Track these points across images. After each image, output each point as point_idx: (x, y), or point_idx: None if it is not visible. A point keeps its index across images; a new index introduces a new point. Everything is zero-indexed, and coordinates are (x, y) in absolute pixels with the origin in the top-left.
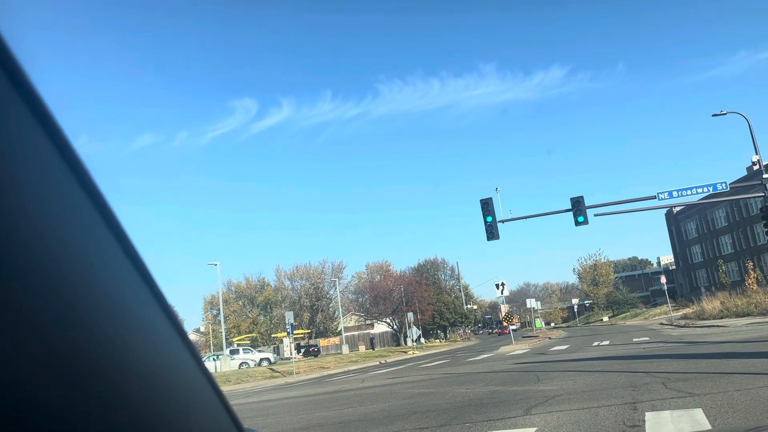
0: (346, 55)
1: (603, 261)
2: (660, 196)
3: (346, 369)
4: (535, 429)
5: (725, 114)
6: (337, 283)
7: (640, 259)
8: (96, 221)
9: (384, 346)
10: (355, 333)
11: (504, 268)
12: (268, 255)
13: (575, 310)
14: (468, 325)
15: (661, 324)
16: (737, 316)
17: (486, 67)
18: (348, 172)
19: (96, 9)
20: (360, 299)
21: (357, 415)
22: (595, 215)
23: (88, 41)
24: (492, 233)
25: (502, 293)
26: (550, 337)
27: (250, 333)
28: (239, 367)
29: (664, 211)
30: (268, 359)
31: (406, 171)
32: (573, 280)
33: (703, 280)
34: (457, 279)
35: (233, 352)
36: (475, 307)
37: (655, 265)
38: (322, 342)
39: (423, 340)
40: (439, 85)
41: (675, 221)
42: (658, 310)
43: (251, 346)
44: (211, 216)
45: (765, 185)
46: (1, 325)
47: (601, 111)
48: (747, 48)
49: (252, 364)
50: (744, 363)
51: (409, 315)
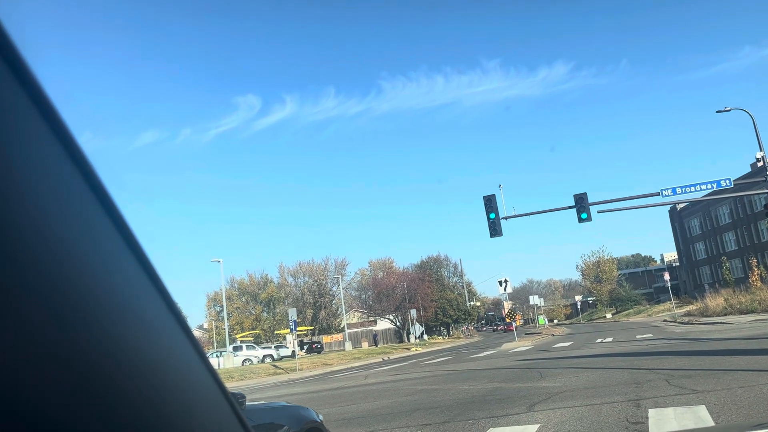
0: (350, 52)
1: (606, 258)
2: (663, 192)
3: (349, 366)
4: (538, 426)
5: (729, 110)
6: (340, 279)
7: (643, 255)
8: (101, 218)
9: (387, 343)
10: (358, 330)
11: (507, 265)
12: (271, 252)
13: (578, 307)
14: (471, 322)
15: (664, 321)
16: (741, 313)
17: (490, 64)
18: (351, 169)
19: (100, 6)
20: (363, 296)
21: (360, 412)
22: (598, 212)
23: (92, 38)
24: (495, 230)
25: (505, 290)
26: (553, 334)
27: (254, 330)
28: (242, 364)
29: (668, 207)
30: (271, 356)
31: (409, 168)
32: (576, 276)
33: (707, 277)
34: (460, 276)
35: (236, 349)
36: (478, 303)
37: (658, 262)
38: (325, 339)
39: (426, 336)
40: (443, 82)
41: (678, 218)
42: (661, 307)
43: (254, 343)
44: (214, 213)
45: None
46: (6, 322)
47: (605, 107)
48: (751, 44)
49: (255, 361)
50: (748, 360)
51: (412, 312)
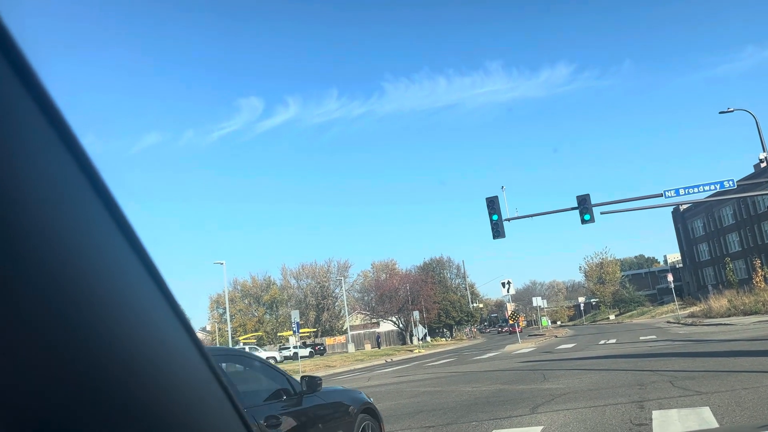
0: (352, 54)
1: (609, 259)
2: (667, 193)
3: (352, 368)
4: (541, 428)
5: (732, 111)
6: (342, 281)
7: (646, 257)
8: (105, 220)
9: (390, 345)
10: (361, 332)
11: (510, 267)
12: (274, 254)
13: (581, 309)
14: (474, 324)
15: (668, 322)
16: (745, 314)
17: (492, 65)
18: (353, 171)
19: (102, 8)
20: (366, 298)
21: None
22: (601, 213)
23: (95, 40)
24: (498, 231)
25: (508, 292)
26: (556, 336)
27: (256, 332)
28: None
29: (671, 208)
30: (274, 358)
31: (412, 170)
32: (579, 278)
33: (711, 278)
34: (463, 277)
35: None
36: (481, 305)
37: (661, 263)
38: (328, 341)
39: (429, 338)
40: (446, 83)
41: (682, 219)
42: (665, 309)
43: (257, 345)
44: (217, 214)
45: None
46: (11, 324)
47: (608, 108)
48: (754, 44)
49: None
50: (752, 361)
51: (415, 313)
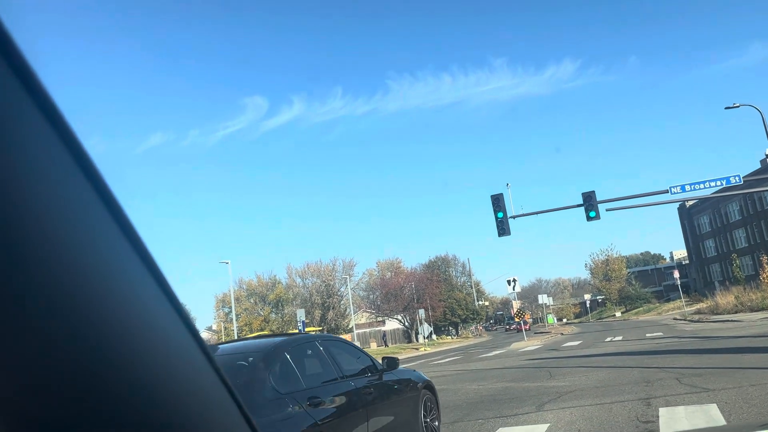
0: (357, 52)
1: (615, 256)
2: (672, 190)
3: None
4: (547, 425)
5: (738, 107)
6: (348, 280)
7: (652, 254)
8: (107, 222)
9: (396, 343)
10: (367, 330)
11: (515, 264)
12: (279, 253)
13: (587, 306)
14: (480, 322)
15: (674, 319)
16: (752, 310)
17: (497, 62)
18: (358, 170)
19: (106, 9)
20: (371, 296)
21: None
22: (607, 210)
23: (98, 40)
24: (503, 229)
25: (514, 289)
26: (562, 333)
27: (262, 331)
28: None
29: (677, 205)
30: None
31: (417, 167)
32: (585, 275)
33: (717, 274)
34: (469, 275)
35: None
36: (486, 303)
37: (668, 259)
38: None
39: (434, 336)
40: (450, 81)
41: (688, 215)
42: (671, 305)
43: None
44: (221, 214)
45: None
46: (14, 324)
47: (613, 105)
48: (760, 39)
49: None
50: (759, 358)
51: (421, 312)
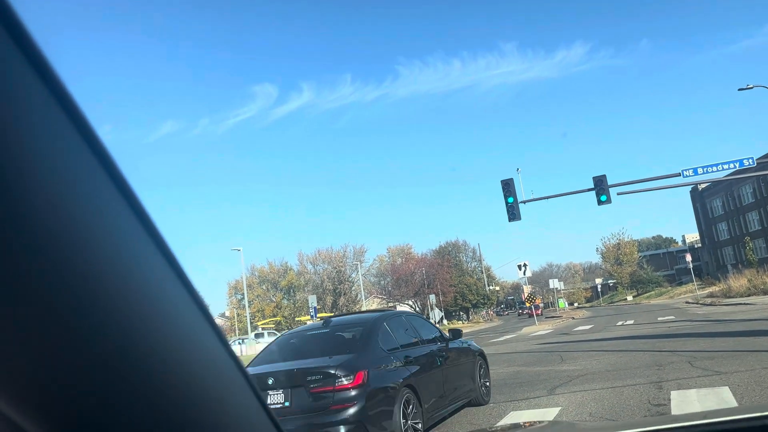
0: (366, 38)
1: (626, 240)
2: (685, 173)
3: None
4: (559, 409)
5: (752, 88)
6: (359, 266)
7: (664, 237)
8: (123, 210)
9: None
10: None
11: (526, 249)
12: (291, 240)
13: (599, 290)
14: (490, 307)
15: (686, 302)
16: (765, 293)
17: (507, 46)
18: (368, 156)
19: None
20: (382, 282)
21: None
22: (618, 194)
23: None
24: (514, 214)
25: (524, 274)
26: (573, 317)
27: (274, 317)
28: None
29: (689, 188)
30: None
31: (427, 153)
32: (596, 259)
33: (730, 257)
34: (479, 260)
35: (258, 336)
36: (497, 288)
37: (680, 243)
38: None
39: (445, 321)
40: (460, 65)
41: (700, 198)
42: (683, 289)
43: (276, 330)
44: (233, 201)
45: None
46: (33, 315)
47: (624, 88)
48: None
49: None
50: None
51: (431, 297)
